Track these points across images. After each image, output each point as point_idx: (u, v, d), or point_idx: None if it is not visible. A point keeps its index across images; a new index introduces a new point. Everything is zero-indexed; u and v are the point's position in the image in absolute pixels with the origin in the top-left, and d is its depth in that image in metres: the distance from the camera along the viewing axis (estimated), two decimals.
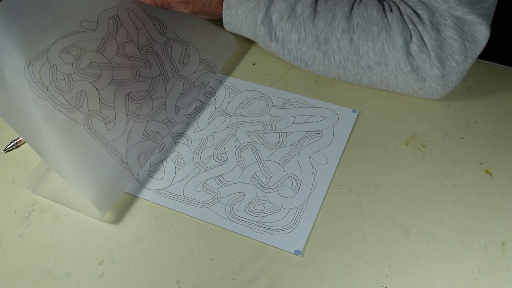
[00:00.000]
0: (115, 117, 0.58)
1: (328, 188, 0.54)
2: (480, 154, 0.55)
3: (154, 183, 0.58)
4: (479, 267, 0.48)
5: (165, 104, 0.61)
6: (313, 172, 0.56)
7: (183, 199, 0.56)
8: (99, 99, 0.58)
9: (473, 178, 0.53)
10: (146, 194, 0.57)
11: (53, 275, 0.52)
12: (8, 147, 0.63)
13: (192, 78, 0.64)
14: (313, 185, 0.55)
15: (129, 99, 0.59)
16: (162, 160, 0.60)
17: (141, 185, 0.58)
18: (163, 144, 0.61)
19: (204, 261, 0.51)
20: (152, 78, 0.62)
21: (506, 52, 0.72)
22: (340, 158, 0.57)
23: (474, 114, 0.58)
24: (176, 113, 0.62)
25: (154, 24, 0.65)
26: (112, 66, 0.60)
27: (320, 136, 0.59)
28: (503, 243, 0.49)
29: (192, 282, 0.50)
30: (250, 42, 0.70)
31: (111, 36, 0.61)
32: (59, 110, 0.55)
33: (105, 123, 0.57)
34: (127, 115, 0.59)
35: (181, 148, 0.61)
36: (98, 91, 0.58)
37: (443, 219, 0.51)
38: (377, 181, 0.55)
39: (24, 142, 0.64)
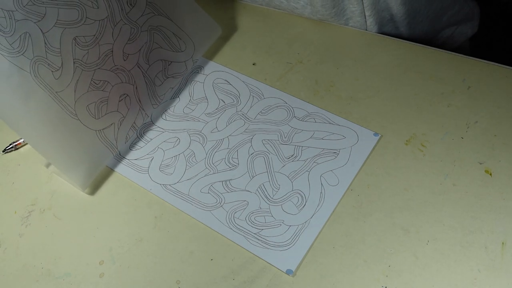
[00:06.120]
0: (62, 65, 0.54)
1: (334, 211, 0.53)
2: (480, 154, 0.55)
3: (163, 178, 0.58)
4: (479, 267, 0.48)
5: (112, 51, 0.58)
6: (321, 192, 0.54)
7: (187, 198, 0.56)
8: (45, 43, 0.52)
9: (473, 178, 0.53)
10: (153, 187, 0.57)
11: (53, 275, 0.52)
12: (7, 148, 0.63)
13: (140, 22, 0.60)
14: (318, 205, 0.54)
15: (76, 44, 0.55)
16: (174, 156, 0.60)
17: (150, 178, 0.58)
18: (178, 139, 0.61)
19: (204, 261, 0.51)
20: (100, 21, 0.56)
21: (506, 52, 0.72)
22: (352, 182, 0.55)
23: (474, 114, 0.58)
24: (125, 60, 0.59)
25: None
26: (57, 4, 0.53)
27: (336, 155, 0.57)
28: (503, 243, 0.49)
29: (192, 282, 0.50)
30: (249, 42, 0.70)
31: None
32: (2, 55, 0.50)
33: (52, 71, 0.53)
34: (74, 62, 0.54)
35: (195, 147, 0.60)
36: (43, 33, 0.52)
37: (443, 219, 0.51)
38: (377, 181, 0.55)
39: (24, 145, 0.64)
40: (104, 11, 0.57)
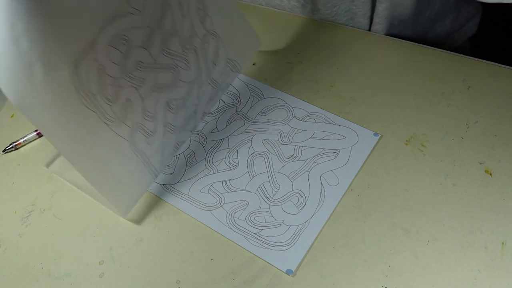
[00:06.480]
0: (154, 130, 0.51)
1: (334, 211, 0.53)
2: (480, 154, 0.55)
3: (163, 178, 0.58)
4: (479, 267, 0.48)
5: (195, 112, 0.57)
6: (321, 192, 0.54)
7: (187, 198, 0.56)
8: (142, 109, 0.49)
9: (473, 178, 0.53)
10: (153, 187, 0.57)
11: (53, 275, 0.52)
12: (7, 148, 0.63)
13: (220, 81, 0.59)
14: (318, 205, 0.53)
15: (168, 108, 0.52)
16: (175, 156, 0.60)
17: None
18: None
19: (204, 261, 0.51)
20: (189, 82, 0.54)
21: (506, 52, 0.72)
22: (352, 182, 0.55)
23: (474, 114, 0.58)
24: (201, 119, 0.60)
25: (198, 8, 0.51)
26: (156, 67, 0.49)
27: (336, 155, 0.57)
28: (503, 243, 0.49)
29: (192, 282, 0.50)
30: None
31: (157, 24, 0.47)
32: (106, 124, 0.46)
33: (146, 137, 0.51)
34: (164, 126, 0.53)
35: (195, 147, 0.60)
36: (142, 99, 0.48)
37: (443, 219, 0.51)
38: (377, 181, 0.55)
39: (23, 145, 0.64)
40: (194, 72, 0.54)
